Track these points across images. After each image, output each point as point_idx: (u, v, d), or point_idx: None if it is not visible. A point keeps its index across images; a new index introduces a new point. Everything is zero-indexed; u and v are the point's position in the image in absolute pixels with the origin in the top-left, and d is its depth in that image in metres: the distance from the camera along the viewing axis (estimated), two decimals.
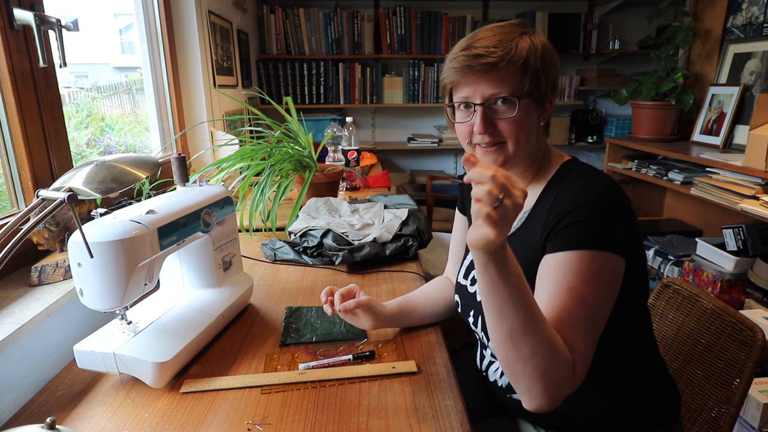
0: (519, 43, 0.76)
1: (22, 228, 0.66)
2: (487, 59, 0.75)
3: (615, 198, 0.73)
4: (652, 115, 2.58)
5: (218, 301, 0.99)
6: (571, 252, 0.70)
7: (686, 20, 2.57)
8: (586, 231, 0.70)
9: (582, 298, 0.68)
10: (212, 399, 0.79)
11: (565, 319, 0.68)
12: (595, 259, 0.69)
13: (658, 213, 2.91)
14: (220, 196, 1.02)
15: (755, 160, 1.77)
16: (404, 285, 1.21)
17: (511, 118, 0.77)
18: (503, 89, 0.76)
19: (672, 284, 1.21)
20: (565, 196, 0.75)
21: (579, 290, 0.68)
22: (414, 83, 3.53)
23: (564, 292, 0.69)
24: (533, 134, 0.81)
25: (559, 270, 0.71)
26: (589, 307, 0.68)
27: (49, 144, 1.13)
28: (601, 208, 0.71)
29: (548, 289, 0.71)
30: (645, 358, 0.87)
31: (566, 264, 0.70)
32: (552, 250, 0.73)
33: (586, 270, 0.69)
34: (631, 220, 0.74)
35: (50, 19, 1.05)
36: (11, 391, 0.86)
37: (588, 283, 0.68)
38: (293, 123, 1.73)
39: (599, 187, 0.74)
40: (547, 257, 0.73)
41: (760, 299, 1.87)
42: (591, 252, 0.69)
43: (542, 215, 0.78)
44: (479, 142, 0.81)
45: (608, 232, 0.70)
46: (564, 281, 0.69)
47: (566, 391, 0.67)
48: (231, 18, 2.60)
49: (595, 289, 0.69)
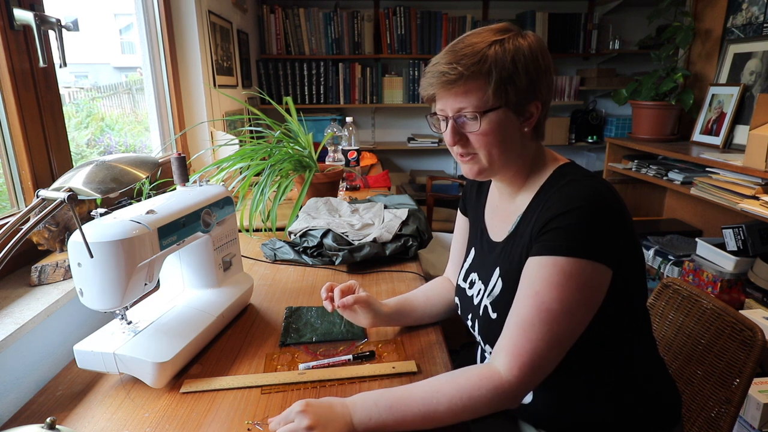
0: (486, 54, 0.75)
1: (22, 228, 0.66)
2: (448, 76, 0.76)
3: (604, 204, 0.72)
4: (652, 115, 2.58)
5: (218, 301, 0.99)
6: (545, 257, 0.72)
7: (686, 20, 2.57)
8: (564, 238, 0.71)
9: (543, 303, 0.70)
10: (212, 399, 0.79)
11: (518, 320, 0.72)
12: (567, 265, 0.70)
13: (658, 213, 2.91)
14: (220, 196, 1.02)
15: (755, 160, 1.77)
16: (404, 285, 1.21)
17: (477, 131, 0.78)
18: (467, 104, 0.77)
19: (672, 284, 1.21)
20: (554, 202, 0.75)
21: (542, 296, 0.70)
22: (414, 83, 3.53)
23: (529, 296, 0.72)
24: (512, 142, 0.80)
25: (531, 273, 0.73)
26: (550, 312, 0.69)
27: (49, 144, 1.13)
28: (587, 215, 0.71)
29: (520, 290, 0.74)
30: (645, 360, 0.87)
31: (538, 269, 0.72)
32: (533, 254, 0.74)
33: (554, 276, 0.70)
34: (623, 226, 0.74)
35: (50, 19, 1.05)
36: (11, 391, 0.86)
37: (553, 289, 0.70)
38: (293, 123, 1.73)
39: (588, 192, 0.73)
40: (528, 261, 0.75)
41: (760, 299, 1.87)
42: (563, 259, 0.70)
43: (532, 219, 0.78)
44: (456, 152, 0.83)
45: (589, 239, 0.70)
46: (531, 285, 0.72)
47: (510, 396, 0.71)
48: (231, 18, 2.60)
49: (562, 295, 0.69)
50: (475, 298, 0.90)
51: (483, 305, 0.86)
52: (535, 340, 0.70)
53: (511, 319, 0.73)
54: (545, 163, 0.85)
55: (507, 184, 0.88)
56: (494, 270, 0.85)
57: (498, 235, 0.89)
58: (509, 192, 0.88)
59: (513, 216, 0.86)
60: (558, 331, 0.70)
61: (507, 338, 0.73)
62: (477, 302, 0.89)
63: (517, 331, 0.71)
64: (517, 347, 0.70)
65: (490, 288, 0.85)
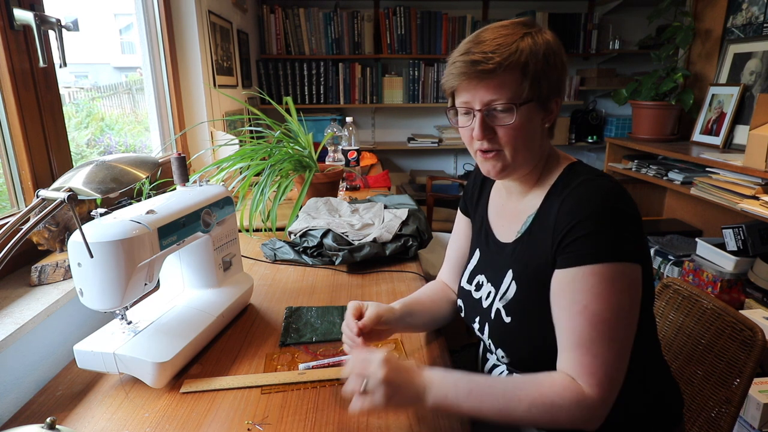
0: (519, 46, 0.74)
1: (22, 228, 0.66)
2: (485, 66, 0.73)
3: (622, 204, 0.72)
4: (652, 115, 2.58)
5: (218, 301, 0.99)
6: (581, 267, 0.70)
7: (686, 20, 2.57)
8: (594, 244, 0.70)
9: (596, 315, 0.68)
10: (212, 399, 0.79)
11: (577, 342, 0.69)
12: (605, 271, 0.69)
13: (658, 213, 2.91)
14: (220, 196, 1.02)
15: (755, 160, 1.77)
16: (404, 285, 1.21)
17: (510, 125, 0.75)
18: (501, 96, 0.74)
19: (672, 284, 1.21)
20: (571, 205, 0.74)
21: (592, 308, 0.68)
22: (414, 83, 3.53)
23: (579, 313, 0.69)
24: (535, 139, 0.79)
25: (572, 288, 0.71)
26: (605, 322, 0.68)
27: (49, 144, 1.13)
28: (608, 217, 0.71)
29: (564, 310, 0.72)
30: (650, 361, 0.86)
31: (578, 281, 0.70)
32: (562, 265, 0.72)
33: (598, 285, 0.68)
34: (639, 225, 0.73)
35: (50, 19, 1.05)
36: (11, 391, 0.86)
37: (601, 299, 0.68)
38: (293, 123, 1.73)
39: (604, 193, 0.73)
40: (557, 273, 0.73)
41: (760, 299, 1.87)
42: (601, 266, 0.69)
43: (549, 223, 0.76)
44: (479, 147, 0.80)
45: (617, 241, 0.70)
46: (577, 300, 0.70)
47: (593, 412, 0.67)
48: (231, 18, 2.60)
49: (610, 302, 0.68)
50: (484, 301, 0.87)
51: (495, 308, 0.84)
52: (601, 354, 0.68)
53: (567, 341, 0.70)
54: (557, 161, 0.84)
55: (520, 182, 0.85)
56: (506, 272, 0.83)
57: (506, 236, 0.87)
58: (520, 191, 0.86)
59: (523, 216, 0.84)
60: (619, 337, 0.69)
61: (572, 361, 0.69)
62: (487, 305, 0.86)
63: (580, 351, 0.69)
64: (586, 367, 0.68)
65: (503, 291, 0.83)
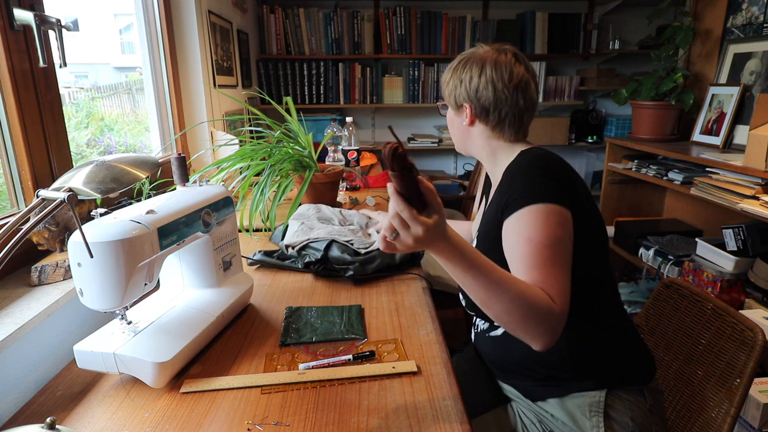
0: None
1: (22, 228, 0.66)
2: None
3: (545, 162, 0.89)
4: (652, 115, 2.58)
5: (218, 301, 0.99)
6: (519, 210, 0.84)
7: (686, 20, 2.57)
8: (526, 191, 0.85)
9: (538, 242, 0.80)
10: (212, 399, 0.79)
11: (531, 265, 0.79)
12: (539, 210, 0.82)
13: (658, 213, 2.91)
14: (220, 196, 1.02)
15: (755, 160, 1.77)
16: (404, 285, 1.21)
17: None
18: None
19: (672, 284, 1.21)
20: (511, 169, 0.93)
21: (533, 237, 0.80)
22: (414, 83, 3.53)
23: (523, 244, 0.81)
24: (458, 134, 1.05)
25: (515, 227, 0.84)
26: (547, 246, 0.79)
27: (49, 144, 1.13)
28: (533, 171, 0.88)
29: (512, 246, 0.84)
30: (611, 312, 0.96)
31: (518, 221, 0.84)
32: (506, 216, 0.86)
33: (535, 220, 0.82)
34: (565, 178, 0.87)
35: (50, 19, 1.05)
36: (11, 391, 0.86)
37: (539, 230, 0.81)
38: (293, 123, 1.73)
39: (531, 156, 0.92)
40: (505, 223, 0.87)
41: (760, 299, 1.87)
42: (534, 206, 0.83)
43: (499, 188, 0.94)
44: None
45: (542, 188, 0.84)
46: (520, 235, 0.83)
47: (556, 323, 0.74)
48: (231, 18, 2.60)
49: (548, 232, 0.80)
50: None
51: None
52: (553, 273, 0.77)
53: (523, 268, 0.79)
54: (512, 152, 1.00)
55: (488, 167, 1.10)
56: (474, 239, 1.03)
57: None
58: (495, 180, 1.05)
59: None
60: (563, 261, 0.80)
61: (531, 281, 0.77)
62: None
63: (535, 272, 0.78)
64: (544, 284, 0.76)
65: None
